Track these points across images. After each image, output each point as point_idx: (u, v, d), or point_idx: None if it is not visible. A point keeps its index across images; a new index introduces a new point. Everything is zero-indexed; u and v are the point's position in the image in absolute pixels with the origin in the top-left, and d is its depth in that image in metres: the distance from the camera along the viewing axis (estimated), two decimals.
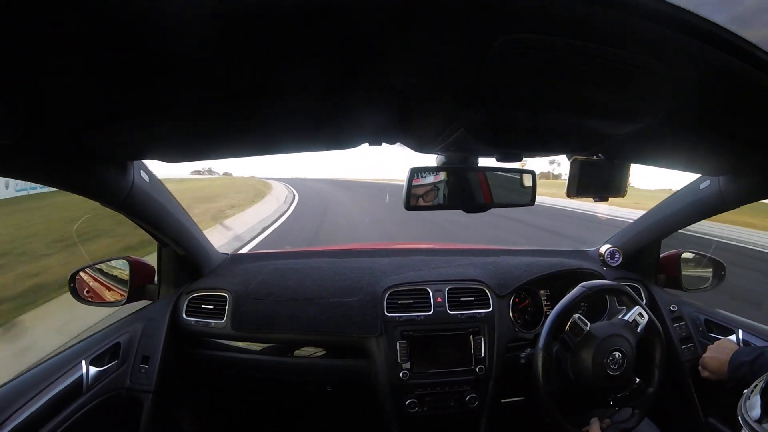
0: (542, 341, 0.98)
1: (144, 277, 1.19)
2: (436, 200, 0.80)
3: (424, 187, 0.79)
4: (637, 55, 0.42)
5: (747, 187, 0.91)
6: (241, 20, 0.36)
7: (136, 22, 0.35)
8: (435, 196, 0.80)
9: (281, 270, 1.28)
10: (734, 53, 0.41)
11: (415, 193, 0.78)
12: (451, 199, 0.80)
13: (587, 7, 0.36)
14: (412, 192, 0.78)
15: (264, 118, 0.62)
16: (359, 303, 1.17)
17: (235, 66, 0.44)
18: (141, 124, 0.59)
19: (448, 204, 0.81)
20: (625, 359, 0.90)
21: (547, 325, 1.01)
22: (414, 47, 0.42)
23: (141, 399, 1.02)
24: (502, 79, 0.43)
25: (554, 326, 0.99)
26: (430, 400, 1.14)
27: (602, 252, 1.42)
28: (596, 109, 0.50)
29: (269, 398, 1.44)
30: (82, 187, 0.72)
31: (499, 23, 0.38)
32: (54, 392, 0.81)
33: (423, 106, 0.57)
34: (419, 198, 0.79)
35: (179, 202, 1.09)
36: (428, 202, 0.80)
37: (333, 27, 0.38)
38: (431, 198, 0.80)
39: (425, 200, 0.79)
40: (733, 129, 0.60)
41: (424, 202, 0.79)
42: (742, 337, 1.10)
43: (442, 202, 0.80)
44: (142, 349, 1.07)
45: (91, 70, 0.42)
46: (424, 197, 0.79)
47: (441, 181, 0.80)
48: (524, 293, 1.29)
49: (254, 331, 1.16)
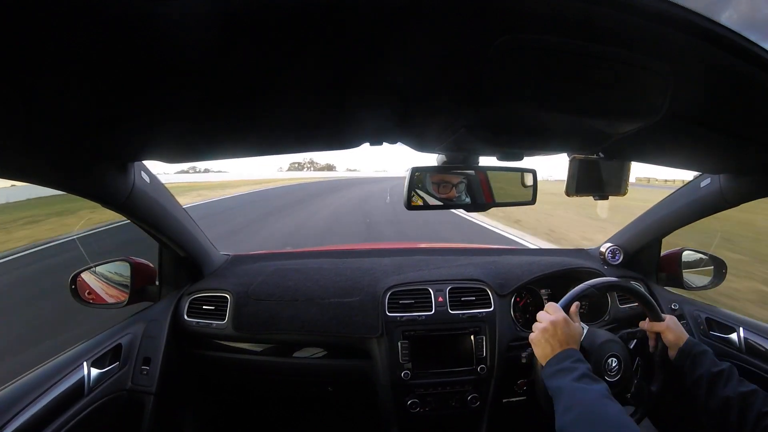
0: (563, 303, 0.94)
1: (145, 278, 1.19)
2: (436, 200, 0.80)
3: (426, 184, 0.79)
4: (637, 54, 0.42)
5: (747, 185, 0.91)
6: (241, 20, 0.36)
7: (135, 23, 0.35)
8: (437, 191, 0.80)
9: (282, 271, 1.28)
10: (734, 51, 0.41)
11: (416, 193, 0.78)
12: (451, 198, 0.80)
13: (588, 6, 0.36)
14: (412, 192, 0.78)
15: (264, 119, 0.62)
16: (360, 303, 1.17)
17: (235, 66, 0.44)
18: (141, 125, 0.59)
19: (449, 204, 0.81)
20: (621, 364, 0.89)
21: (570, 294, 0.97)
22: (415, 47, 0.42)
23: (143, 400, 1.02)
24: (503, 78, 0.43)
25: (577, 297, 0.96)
26: (431, 400, 1.14)
27: (603, 251, 1.42)
28: (597, 108, 0.50)
29: (270, 399, 1.44)
30: (82, 189, 0.72)
31: (499, 23, 0.38)
32: (55, 394, 0.81)
33: (424, 105, 0.57)
34: (420, 198, 0.79)
35: (179, 203, 1.09)
36: (429, 201, 0.80)
37: (333, 27, 0.38)
38: (432, 198, 0.80)
39: (426, 200, 0.80)
40: (734, 127, 0.60)
41: (425, 202, 0.79)
42: (743, 335, 1.10)
43: (443, 202, 0.80)
44: (144, 350, 1.07)
45: (91, 71, 0.42)
46: (424, 197, 0.79)
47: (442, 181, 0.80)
48: (525, 292, 1.29)
49: (255, 331, 1.16)
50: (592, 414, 0.64)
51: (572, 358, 0.77)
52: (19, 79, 0.41)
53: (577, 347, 0.81)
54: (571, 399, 0.68)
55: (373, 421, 1.28)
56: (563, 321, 0.83)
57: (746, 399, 0.75)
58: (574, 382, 0.70)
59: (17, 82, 0.41)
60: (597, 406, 0.65)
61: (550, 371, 0.76)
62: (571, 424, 0.64)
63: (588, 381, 0.70)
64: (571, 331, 0.83)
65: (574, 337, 0.83)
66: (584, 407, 0.65)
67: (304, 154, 12.20)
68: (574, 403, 0.67)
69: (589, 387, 0.68)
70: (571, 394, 0.68)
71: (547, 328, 0.83)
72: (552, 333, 0.82)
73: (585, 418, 0.63)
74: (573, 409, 0.66)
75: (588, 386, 0.69)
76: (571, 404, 0.67)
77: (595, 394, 0.67)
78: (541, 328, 0.84)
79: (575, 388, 0.69)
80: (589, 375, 0.72)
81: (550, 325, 0.83)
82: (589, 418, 0.63)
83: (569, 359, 0.76)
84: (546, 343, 0.82)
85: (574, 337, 0.83)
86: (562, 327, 0.82)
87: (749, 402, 0.74)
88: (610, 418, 0.63)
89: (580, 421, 0.63)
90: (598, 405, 0.65)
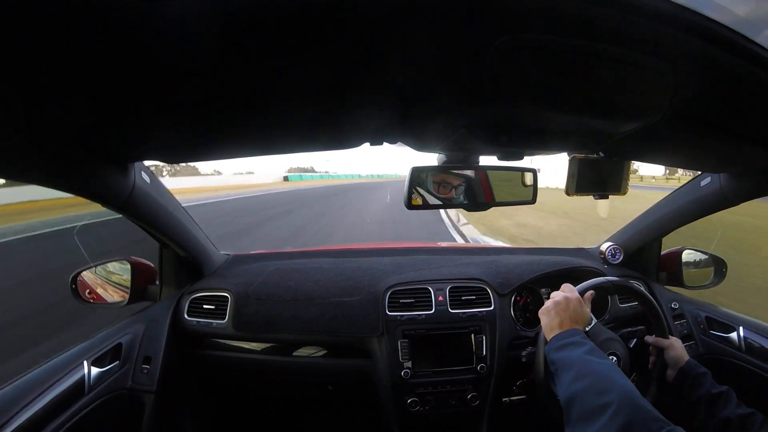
0: (580, 287, 0.94)
1: (145, 278, 1.20)
2: (436, 200, 0.80)
3: (425, 186, 0.79)
4: (637, 53, 0.42)
5: (748, 184, 0.91)
6: (242, 20, 0.36)
7: (136, 22, 0.35)
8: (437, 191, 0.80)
9: (282, 270, 1.28)
10: (735, 51, 0.41)
11: (416, 193, 0.78)
12: (452, 198, 0.80)
13: (588, 6, 0.36)
14: (413, 191, 0.78)
15: (265, 119, 0.62)
16: (360, 302, 1.18)
17: (235, 66, 0.44)
18: (141, 125, 0.59)
19: (449, 203, 0.81)
20: (621, 362, 0.89)
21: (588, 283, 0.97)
22: (415, 47, 0.42)
23: (143, 399, 1.02)
24: (503, 78, 0.43)
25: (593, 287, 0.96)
26: (431, 398, 1.14)
27: (603, 250, 1.42)
28: (598, 108, 0.50)
29: (271, 398, 1.45)
30: (83, 189, 0.72)
31: (500, 22, 0.38)
32: (56, 393, 0.81)
33: (424, 105, 0.57)
34: (420, 197, 0.79)
35: (180, 203, 1.09)
36: (429, 201, 0.80)
37: (334, 27, 0.38)
38: (432, 197, 0.80)
39: (426, 199, 0.80)
40: (735, 126, 0.60)
41: (425, 202, 0.79)
42: (743, 334, 1.10)
43: (443, 202, 0.80)
44: (144, 349, 1.07)
45: (92, 70, 0.42)
46: (425, 196, 0.79)
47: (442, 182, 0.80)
48: (525, 291, 1.29)
49: (256, 331, 1.16)
50: (607, 381, 0.62)
51: (580, 335, 0.76)
52: (19, 79, 0.41)
53: (583, 330, 0.81)
54: (582, 368, 0.66)
55: (373, 420, 1.29)
56: (577, 300, 0.84)
57: (745, 421, 0.75)
58: (585, 354, 0.70)
59: (17, 82, 0.41)
60: (612, 375, 0.64)
61: (557, 345, 0.76)
62: (582, 392, 0.62)
63: (599, 354, 0.70)
64: (582, 313, 0.83)
65: (584, 319, 0.83)
66: (598, 376, 0.64)
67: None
68: (587, 371, 0.65)
69: (600, 360, 0.68)
70: (583, 364, 0.67)
71: (560, 302, 0.83)
72: (564, 307, 0.82)
73: (598, 386, 0.62)
74: (585, 378, 0.64)
75: (599, 359, 0.68)
76: (583, 372, 0.65)
77: (607, 365, 0.66)
78: (554, 301, 0.84)
79: (587, 360, 0.68)
80: (598, 350, 0.72)
81: (563, 300, 0.83)
82: (603, 386, 0.61)
83: (578, 335, 0.76)
84: (556, 316, 0.81)
85: (583, 319, 0.83)
86: (575, 305, 0.83)
87: (748, 424, 0.74)
88: (627, 387, 0.61)
89: (592, 389, 0.62)
90: (613, 374, 0.64)
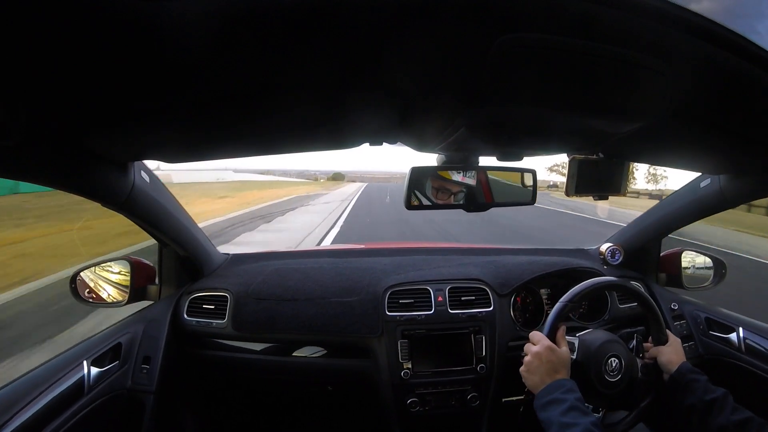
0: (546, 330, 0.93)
1: (145, 277, 1.19)
2: (436, 200, 0.80)
3: (425, 186, 0.79)
4: (637, 53, 0.42)
5: (747, 185, 0.91)
6: (241, 20, 0.36)
7: (136, 22, 0.35)
8: (435, 196, 0.80)
9: (282, 270, 1.28)
10: (735, 51, 0.41)
11: (416, 193, 0.78)
12: (451, 198, 0.80)
13: (588, 6, 0.36)
14: (412, 191, 0.78)
15: (265, 118, 0.62)
16: (360, 303, 1.17)
17: (235, 66, 0.44)
18: (142, 125, 0.59)
19: (449, 203, 0.81)
20: (622, 362, 0.88)
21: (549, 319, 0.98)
22: (414, 47, 0.42)
23: (142, 399, 1.02)
24: (502, 78, 0.43)
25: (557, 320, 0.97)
26: (431, 399, 1.14)
27: (603, 251, 1.42)
28: (597, 108, 0.50)
29: (270, 398, 1.45)
30: (82, 188, 0.72)
31: (499, 22, 0.38)
32: (55, 393, 0.81)
33: (424, 105, 0.57)
34: (420, 198, 0.79)
35: (180, 203, 1.09)
36: (428, 201, 0.80)
37: (333, 27, 0.38)
38: (432, 198, 0.80)
39: (425, 200, 0.79)
40: (735, 127, 0.60)
41: (425, 202, 0.79)
42: (743, 335, 1.10)
43: (443, 202, 0.80)
44: (144, 349, 1.07)
45: (92, 71, 0.42)
46: (424, 197, 0.79)
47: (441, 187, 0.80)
48: (525, 292, 1.29)
49: (255, 331, 1.16)
50: None
51: (562, 389, 0.76)
52: (19, 78, 0.41)
53: (567, 374, 0.81)
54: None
55: (373, 421, 1.28)
56: (547, 350, 0.82)
57: (742, 427, 0.74)
58: (561, 416, 0.70)
59: (17, 81, 0.41)
60: None
61: (540, 403, 0.76)
62: None
63: (576, 414, 0.70)
64: (558, 358, 0.81)
65: (562, 362, 0.81)
66: None
67: None
68: None
69: (576, 421, 0.68)
70: (560, 428, 0.69)
71: (532, 360, 0.82)
72: (537, 365, 0.81)
73: None
74: None
75: (575, 420, 0.68)
76: None
77: (580, 429, 0.66)
78: (526, 361, 0.84)
79: (562, 424, 0.69)
80: (578, 407, 0.72)
81: (534, 358, 0.82)
82: None
83: (559, 390, 0.75)
84: (533, 375, 0.81)
85: (562, 363, 0.81)
86: (547, 356, 0.81)
87: (745, 430, 0.74)
88: None
89: None
90: None
